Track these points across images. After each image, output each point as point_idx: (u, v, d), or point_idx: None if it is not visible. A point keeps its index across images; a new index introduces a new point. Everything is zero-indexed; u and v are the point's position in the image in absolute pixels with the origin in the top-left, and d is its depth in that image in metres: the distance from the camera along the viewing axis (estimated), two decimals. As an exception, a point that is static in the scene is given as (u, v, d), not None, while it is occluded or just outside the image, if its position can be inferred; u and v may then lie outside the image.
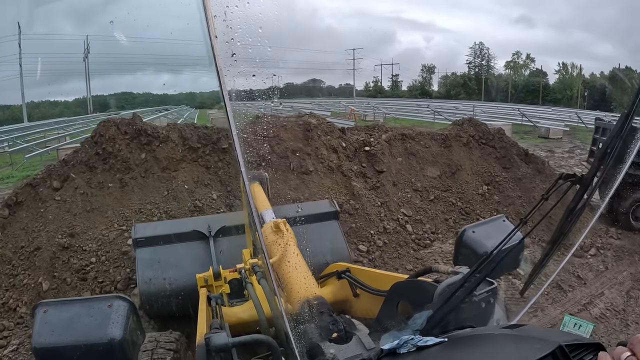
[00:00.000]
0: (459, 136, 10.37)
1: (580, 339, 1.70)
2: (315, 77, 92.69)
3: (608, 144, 1.85)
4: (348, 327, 2.27)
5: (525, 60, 74.10)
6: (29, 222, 6.99)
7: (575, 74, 69.42)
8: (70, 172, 7.45)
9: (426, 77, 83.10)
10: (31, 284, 6.43)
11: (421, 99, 62.00)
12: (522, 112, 31.15)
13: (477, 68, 78.05)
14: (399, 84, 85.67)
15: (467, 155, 10.20)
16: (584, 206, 1.95)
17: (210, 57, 1.37)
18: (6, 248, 6.70)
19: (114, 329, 1.96)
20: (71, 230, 6.90)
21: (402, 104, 47.81)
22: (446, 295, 1.94)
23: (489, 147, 10.55)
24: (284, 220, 3.50)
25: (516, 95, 67.85)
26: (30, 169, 17.72)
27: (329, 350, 1.99)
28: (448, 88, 76.81)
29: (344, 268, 3.68)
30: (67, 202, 7.21)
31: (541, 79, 71.11)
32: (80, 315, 2.01)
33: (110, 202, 7.33)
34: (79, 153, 7.69)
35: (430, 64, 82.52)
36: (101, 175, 7.52)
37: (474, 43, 77.51)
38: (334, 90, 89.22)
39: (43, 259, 6.62)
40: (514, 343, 1.76)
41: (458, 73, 78.69)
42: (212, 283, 4.22)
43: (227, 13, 1.58)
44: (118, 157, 7.66)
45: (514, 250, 2.10)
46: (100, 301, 2.10)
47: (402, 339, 1.72)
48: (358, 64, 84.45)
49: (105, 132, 7.74)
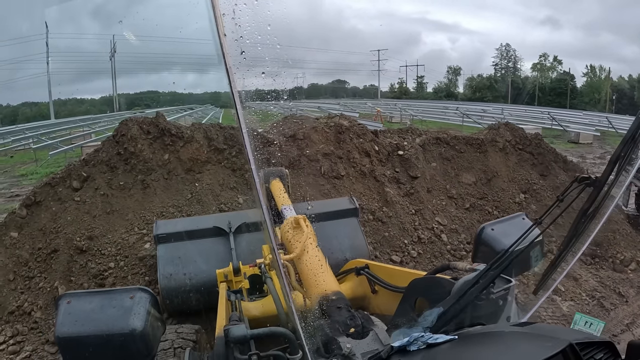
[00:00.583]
0: (494, 141, 9.83)
1: (591, 337, 1.72)
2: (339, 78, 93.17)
3: (622, 147, 1.85)
4: (365, 323, 2.32)
5: (553, 63, 73.39)
6: (47, 222, 6.75)
7: (604, 76, 68.33)
8: (91, 172, 7.16)
9: (452, 79, 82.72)
10: (47, 288, 6.21)
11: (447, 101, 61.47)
12: (552, 116, 30.31)
13: (504, 70, 77.45)
14: (424, 86, 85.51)
15: (503, 161, 9.66)
16: (597, 208, 1.95)
17: (219, 55, 1.36)
18: (23, 249, 6.49)
19: (135, 320, 1.97)
20: (90, 233, 6.63)
21: (429, 106, 47.36)
22: (458, 293, 1.94)
23: (526, 152, 10.01)
24: (304, 217, 3.54)
25: (543, 98, 66.86)
26: (54, 166, 17.85)
27: (345, 345, 2.03)
28: (474, 90, 76.02)
29: (362, 264, 3.67)
30: (86, 203, 6.93)
31: (569, 81, 69.92)
32: (102, 306, 2.02)
33: (131, 204, 7.01)
34: (100, 152, 7.38)
35: (456, 66, 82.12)
36: (122, 176, 7.20)
37: (500, 44, 76.95)
38: (359, 91, 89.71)
39: (60, 262, 6.38)
40: (525, 341, 1.76)
41: (484, 75, 78.10)
42: (232, 278, 4.32)
43: (235, 11, 1.60)
44: (140, 158, 7.32)
45: (533, 249, 2.23)
46: (123, 293, 2.12)
47: (413, 337, 1.72)
48: (383, 65, 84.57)
49: (127, 132, 7.42)
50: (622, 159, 1.87)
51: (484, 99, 68.38)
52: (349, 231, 5.77)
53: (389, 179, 8.16)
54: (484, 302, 2.03)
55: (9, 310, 5.97)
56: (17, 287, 6.21)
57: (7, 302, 6.06)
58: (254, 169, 1.51)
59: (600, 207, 1.96)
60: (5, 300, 6.08)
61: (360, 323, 2.31)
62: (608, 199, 1.99)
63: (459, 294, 1.92)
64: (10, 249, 6.48)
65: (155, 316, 2.10)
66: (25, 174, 18.04)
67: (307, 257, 3.12)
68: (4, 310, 5.98)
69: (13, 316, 5.95)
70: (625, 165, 1.88)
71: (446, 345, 1.69)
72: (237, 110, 1.45)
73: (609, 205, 2.05)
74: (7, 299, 6.09)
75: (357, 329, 2.26)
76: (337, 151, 8.19)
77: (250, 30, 1.87)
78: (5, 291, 6.17)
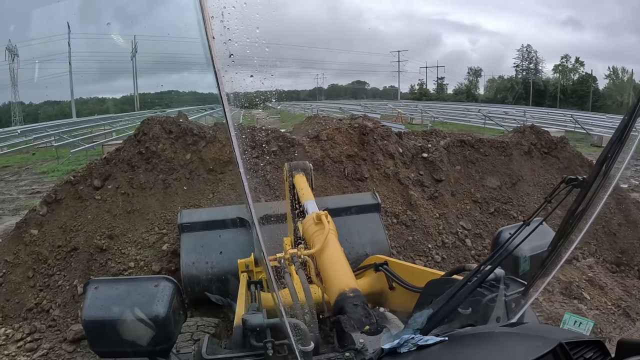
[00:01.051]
0: (520, 144, 9.60)
1: (581, 336, 1.74)
2: (359, 79, 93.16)
3: (609, 148, 1.85)
4: (380, 320, 2.33)
5: (574, 64, 72.41)
6: (67, 220, 6.72)
7: (626, 78, 67.29)
8: (112, 171, 7.11)
9: (472, 80, 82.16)
10: (66, 286, 6.18)
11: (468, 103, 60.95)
12: (575, 119, 29.80)
13: (525, 71, 76.65)
14: (444, 87, 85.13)
15: (528, 165, 9.41)
16: (585, 209, 1.95)
17: (207, 58, 1.36)
18: (43, 246, 6.47)
19: (158, 306, 2.03)
20: (110, 232, 6.59)
21: (449, 108, 46.94)
22: (448, 295, 1.92)
23: (552, 157, 9.76)
24: (326, 213, 3.57)
25: (565, 100, 66.00)
26: (76, 163, 18.07)
27: (358, 340, 2.05)
28: (495, 92, 75.34)
29: (381, 261, 3.67)
30: (107, 202, 6.88)
31: (591, 83, 68.94)
32: (128, 293, 2.08)
33: (152, 203, 6.95)
34: (121, 151, 7.33)
35: (477, 67, 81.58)
36: (143, 176, 7.14)
37: (522, 45, 76.18)
38: (378, 92, 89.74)
39: (79, 260, 6.36)
40: (515, 341, 1.78)
41: (505, 76, 77.38)
42: (253, 269, 4.42)
43: (224, 14, 1.61)
44: (162, 157, 7.26)
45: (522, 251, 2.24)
46: (148, 281, 2.17)
47: (403, 338, 1.72)
48: (403, 66, 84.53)
49: (148, 131, 7.36)
50: (609, 160, 1.86)
51: (505, 100, 67.86)
52: (370, 226, 5.82)
53: (413, 182, 7.99)
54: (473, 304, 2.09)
55: (27, 307, 5.96)
56: (36, 284, 6.20)
57: (26, 299, 6.05)
58: (243, 172, 1.52)
59: (587, 208, 1.95)
60: (24, 297, 6.07)
61: (375, 321, 2.31)
62: (596, 200, 1.98)
63: (449, 296, 1.91)
64: (30, 246, 6.47)
65: (177, 304, 2.15)
66: (46, 171, 18.25)
67: (326, 252, 3.16)
68: (22, 307, 5.97)
69: (31, 313, 5.93)
70: (612, 166, 1.88)
71: (436, 346, 1.70)
72: (225, 112, 1.45)
73: (596, 205, 2.03)
74: (26, 296, 6.09)
75: (372, 326, 2.25)
76: (361, 153, 8.06)
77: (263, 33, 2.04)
78: (24, 288, 6.17)
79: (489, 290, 2.18)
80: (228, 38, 1.71)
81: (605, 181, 1.91)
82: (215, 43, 1.38)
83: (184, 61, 71.28)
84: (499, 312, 2.17)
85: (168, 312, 2.03)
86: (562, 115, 36.41)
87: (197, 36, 1.38)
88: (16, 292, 6.14)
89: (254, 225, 1.68)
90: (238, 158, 1.50)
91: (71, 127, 30.63)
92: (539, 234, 2.10)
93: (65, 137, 22.69)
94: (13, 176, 18.17)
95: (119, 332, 1.99)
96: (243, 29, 1.85)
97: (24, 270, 6.31)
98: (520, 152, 9.47)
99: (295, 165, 5.01)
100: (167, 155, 7.26)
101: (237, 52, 2.05)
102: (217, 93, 1.42)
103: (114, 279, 2.38)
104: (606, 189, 2.01)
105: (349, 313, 2.44)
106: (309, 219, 3.61)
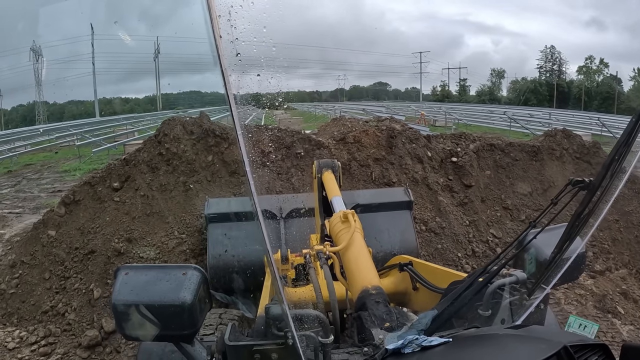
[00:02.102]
0: (551, 149, 9.24)
1: (585, 339, 1.77)
2: (381, 80, 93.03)
3: (616, 151, 1.86)
4: (401, 319, 2.33)
5: (599, 66, 71.20)
6: (86, 222, 6.62)
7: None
8: (131, 172, 6.94)
9: (495, 82, 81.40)
10: (82, 289, 6.11)
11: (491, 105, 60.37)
12: (602, 123, 29.08)
13: (548, 73, 75.64)
14: (466, 89, 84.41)
15: (560, 170, 9.07)
16: (591, 211, 1.94)
17: (214, 57, 1.36)
18: (60, 248, 6.40)
19: (185, 293, 2.08)
20: (128, 235, 6.45)
21: (473, 110, 46.41)
22: (452, 296, 1.96)
23: (584, 162, 9.39)
24: (353, 212, 3.63)
25: (589, 102, 64.97)
26: (97, 163, 18.10)
27: (378, 336, 2.06)
28: (518, 93, 74.52)
29: (406, 261, 3.61)
30: (126, 204, 6.73)
31: (615, 85, 67.79)
32: (157, 279, 2.14)
33: (172, 206, 6.75)
34: (141, 152, 7.13)
35: (500, 68, 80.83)
36: (163, 177, 6.93)
37: (545, 46, 75.25)
38: (400, 93, 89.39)
39: (97, 263, 6.26)
40: (519, 343, 1.77)
41: (528, 78, 76.53)
42: (279, 266, 4.29)
43: (231, 13, 1.61)
44: (182, 159, 7.04)
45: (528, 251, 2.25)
46: (176, 269, 2.23)
47: (407, 339, 1.73)
48: (425, 67, 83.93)
49: (169, 132, 7.15)
50: (615, 162, 1.85)
51: (529, 102, 67.15)
52: (400, 225, 5.79)
53: (442, 187, 7.69)
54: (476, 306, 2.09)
55: (43, 309, 5.90)
56: (52, 286, 6.14)
57: (42, 301, 5.99)
58: (249, 170, 1.52)
59: (593, 211, 1.95)
60: (39, 299, 6.01)
61: (396, 319, 2.32)
62: (602, 203, 1.97)
63: (453, 297, 1.95)
64: (47, 247, 6.39)
65: (204, 293, 2.20)
66: (68, 169, 18.28)
67: (351, 250, 3.21)
68: (38, 309, 5.91)
69: (46, 316, 5.87)
70: (618, 169, 1.88)
71: (440, 347, 1.70)
72: (232, 112, 1.43)
73: (602, 208, 2.02)
74: (42, 298, 6.03)
75: (392, 324, 2.26)
76: (388, 156, 7.78)
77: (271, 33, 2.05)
78: (40, 290, 6.10)
79: (510, 293, 2.16)
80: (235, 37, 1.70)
81: (612, 183, 1.90)
82: (222, 42, 1.37)
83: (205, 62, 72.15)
84: (504, 314, 2.18)
85: (194, 300, 2.08)
86: (588, 118, 35.75)
87: (204, 35, 1.36)
88: (32, 294, 6.08)
89: (259, 223, 1.65)
90: (244, 155, 1.47)
91: (92, 126, 30.95)
92: (551, 236, 2.10)
93: (88, 136, 22.81)
94: (35, 174, 18.20)
95: (145, 317, 2.06)
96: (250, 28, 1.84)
97: (41, 271, 6.24)
98: (551, 156, 9.13)
99: (325, 163, 5.04)
100: (188, 156, 7.04)
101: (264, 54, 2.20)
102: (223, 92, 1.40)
103: (144, 265, 2.66)
104: (613, 192, 1.99)
105: (370, 309, 2.48)
106: (335, 217, 3.69)
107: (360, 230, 3.43)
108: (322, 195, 4.73)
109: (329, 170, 4.93)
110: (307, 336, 1.97)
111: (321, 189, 4.78)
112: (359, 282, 2.89)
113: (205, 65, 45.77)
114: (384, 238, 5.54)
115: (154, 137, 7.34)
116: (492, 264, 2.02)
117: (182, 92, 79.27)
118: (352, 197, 5.70)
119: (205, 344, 2.29)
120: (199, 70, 70.02)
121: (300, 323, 2.04)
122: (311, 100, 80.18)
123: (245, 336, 2.24)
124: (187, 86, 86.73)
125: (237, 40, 1.70)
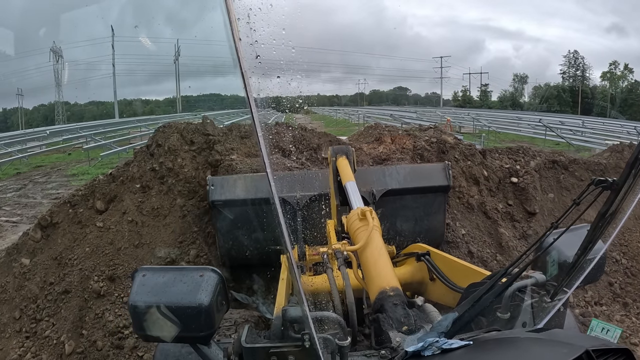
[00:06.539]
0: (619, 167, 7.80)
1: (608, 343, 1.76)
2: (401, 85, 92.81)
3: None
4: (419, 321, 2.32)
5: (623, 71, 70.42)
6: (63, 250, 5.53)
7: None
8: (118, 190, 5.68)
9: (518, 87, 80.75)
10: (53, 339, 5.15)
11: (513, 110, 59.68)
12: (638, 131, 27.62)
13: (572, 78, 74.56)
14: (488, 94, 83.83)
15: (629, 192, 7.61)
16: (615, 211, 1.83)
17: (234, 59, 1.37)
18: (33, 281, 5.44)
19: (202, 295, 2.06)
20: (111, 272, 5.27)
21: (499, 116, 45.91)
22: (473, 299, 1.97)
23: (655, 183, 7.92)
24: (371, 209, 3.57)
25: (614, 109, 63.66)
26: (108, 166, 17.75)
27: (395, 338, 2.10)
28: (541, 99, 73.52)
29: (424, 250, 3.63)
30: (110, 231, 5.50)
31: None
32: (174, 281, 2.12)
33: (165, 236, 5.46)
34: (131, 167, 5.83)
35: (522, 74, 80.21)
36: (156, 199, 5.61)
37: (568, 51, 74.44)
38: (420, 98, 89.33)
39: (70, 307, 5.21)
40: (540, 347, 1.72)
41: (551, 83, 75.73)
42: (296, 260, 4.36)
43: (250, 15, 1.71)
44: (180, 176, 5.67)
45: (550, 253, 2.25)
46: (193, 271, 2.20)
47: (427, 342, 1.72)
48: (445, 72, 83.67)
49: (164, 142, 5.81)
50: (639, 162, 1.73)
51: (551, 108, 66.91)
52: (431, 210, 5.63)
53: (502, 215, 6.25)
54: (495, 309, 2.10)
55: (11, 357, 5.03)
56: (23, 328, 5.20)
57: (9, 347, 5.08)
58: (269, 172, 1.47)
59: (618, 211, 1.82)
60: (7, 343, 5.19)
61: (414, 322, 2.29)
62: (626, 202, 1.83)
63: (474, 299, 1.96)
64: (20, 279, 5.48)
65: (221, 295, 2.15)
66: (76, 173, 18.34)
67: (369, 249, 3.16)
68: (5, 357, 5.07)
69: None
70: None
71: (461, 350, 1.67)
72: (253, 115, 1.42)
73: (626, 208, 1.86)
74: (10, 342, 5.12)
75: (410, 327, 2.23)
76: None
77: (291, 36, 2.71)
78: (9, 332, 5.25)
79: (530, 296, 2.15)
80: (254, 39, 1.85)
81: (636, 183, 1.80)
82: (241, 44, 1.37)
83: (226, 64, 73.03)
84: (525, 317, 2.15)
85: (211, 302, 2.06)
86: (619, 125, 35.48)
87: (224, 38, 1.38)
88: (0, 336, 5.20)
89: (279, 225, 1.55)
90: (265, 157, 1.45)
91: (109, 127, 31.07)
92: (572, 237, 2.01)
93: (98, 138, 22.42)
94: (43, 177, 18.44)
95: (162, 318, 2.02)
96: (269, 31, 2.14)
97: (11, 308, 5.36)
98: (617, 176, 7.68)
99: (339, 149, 5.02)
100: (187, 173, 5.69)
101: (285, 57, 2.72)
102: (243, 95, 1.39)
103: (162, 267, 2.93)
104: (637, 192, 1.89)
105: (389, 312, 2.43)
106: (353, 214, 3.65)
107: (378, 228, 3.38)
108: (337, 180, 4.69)
109: (343, 156, 4.92)
110: (325, 338, 1.95)
111: (336, 174, 4.75)
112: (376, 282, 2.84)
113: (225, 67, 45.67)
114: (410, 227, 5.49)
115: (145, 147, 6.03)
116: (514, 266, 2.02)
117: (202, 94, 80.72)
118: (382, 175, 5.56)
119: (222, 345, 2.27)
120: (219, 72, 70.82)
121: (318, 325, 2.04)
122: (331, 104, 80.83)
123: (262, 338, 2.24)
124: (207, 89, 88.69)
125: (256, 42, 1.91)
